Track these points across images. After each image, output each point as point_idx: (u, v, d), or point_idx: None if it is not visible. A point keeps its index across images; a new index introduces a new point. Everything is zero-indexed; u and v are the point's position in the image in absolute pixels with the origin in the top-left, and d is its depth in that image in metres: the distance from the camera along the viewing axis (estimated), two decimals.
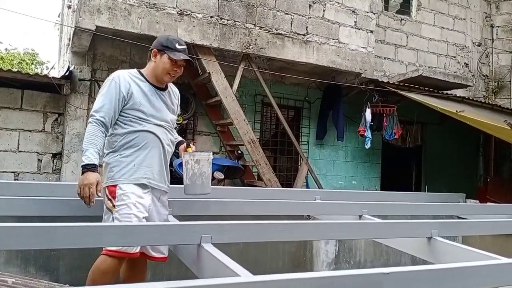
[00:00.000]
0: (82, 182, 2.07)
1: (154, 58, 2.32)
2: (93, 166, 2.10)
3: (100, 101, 2.20)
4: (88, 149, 2.11)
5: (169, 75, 2.31)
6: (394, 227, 2.37)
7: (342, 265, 4.25)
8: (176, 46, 2.30)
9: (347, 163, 7.28)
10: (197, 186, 2.32)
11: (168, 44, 2.30)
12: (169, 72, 2.30)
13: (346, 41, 6.12)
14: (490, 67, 8.92)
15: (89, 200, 2.08)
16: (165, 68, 2.29)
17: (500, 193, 7.37)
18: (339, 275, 1.37)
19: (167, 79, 2.33)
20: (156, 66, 2.31)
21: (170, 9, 4.99)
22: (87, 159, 2.10)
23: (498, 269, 1.72)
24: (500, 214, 3.71)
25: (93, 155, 2.10)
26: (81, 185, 2.07)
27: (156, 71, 2.31)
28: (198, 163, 2.31)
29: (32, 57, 18.04)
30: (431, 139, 8.09)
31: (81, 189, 2.07)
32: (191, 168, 2.31)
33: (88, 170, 2.08)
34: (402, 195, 4.08)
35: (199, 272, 1.79)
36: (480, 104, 6.80)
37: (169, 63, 2.28)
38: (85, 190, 2.06)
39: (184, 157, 2.35)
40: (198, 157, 2.32)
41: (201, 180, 2.32)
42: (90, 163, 2.09)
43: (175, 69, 2.31)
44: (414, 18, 7.95)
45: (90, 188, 2.05)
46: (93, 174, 2.08)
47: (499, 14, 8.97)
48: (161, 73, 2.30)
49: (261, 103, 6.59)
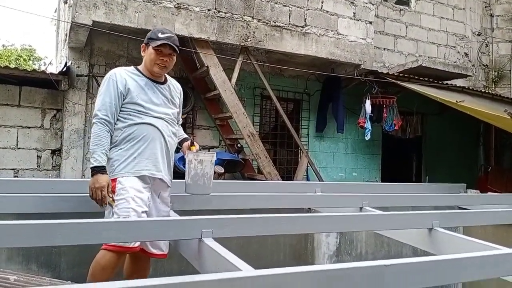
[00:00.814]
0: (93, 185, 2.13)
1: (143, 52, 2.36)
2: (102, 168, 2.15)
3: (100, 100, 2.24)
4: (95, 150, 2.16)
5: (157, 66, 2.31)
6: (395, 218, 2.37)
7: (343, 257, 4.27)
8: (159, 35, 2.29)
9: (347, 155, 7.28)
10: (198, 187, 2.34)
11: (152, 35, 2.32)
12: (155, 62, 2.30)
13: (345, 32, 6.08)
14: (490, 56, 8.87)
15: (102, 202, 2.14)
16: (151, 59, 2.30)
17: (501, 183, 7.37)
18: (340, 268, 1.37)
19: (157, 69, 2.32)
20: (145, 59, 2.34)
21: (167, 2, 4.95)
22: (96, 161, 2.14)
23: (499, 259, 1.72)
24: (501, 204, 3.71)
25: (101, 156, 2.15)
26: (92, 188, 2.13)
27: (146, 64, 2.34)
28: (201, 164, 2.32)
29: (29, 53, 17.95)
30: (431, 129, 8.08)
31: (92, 192, 2.13)
32: (194, 168, 2.32)
33: (98, 172, 2.13)
34: (402, 186, 4.09)
35: (200, 267, 1.79)
36: (480, 94, 6.77)
37: (154, 53, 2.29)
38: (97, 193, 2.12)
39: (187, 156, 2.36)
40: (201, 157, 2.33)
41: (203, 181, 2.33)
42: (99, 165, 2.14)
43: (161, 58, 2.30)
44: (413, 8, 7.89)
45: (102, 191, 2.12)
46: (103, 176, 2.14)
47: (499, 3, 8.90)
48: (149, 65, 2.32)
49: (260, 96, 6.57)
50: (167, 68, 2.35)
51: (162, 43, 2.26)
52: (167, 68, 2.35)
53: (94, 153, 2.16)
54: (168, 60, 2.32)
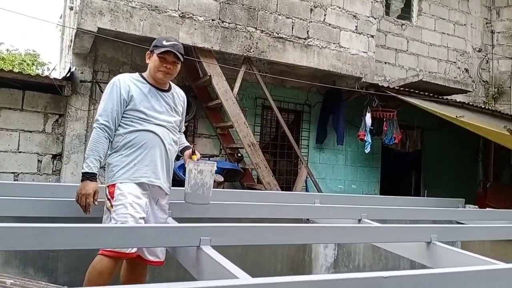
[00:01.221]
0: (80, 191, 2.16)
1: (148, 60, 2.39)
2: (92, 175, 2.17)
3: (103, 105, 2.26)
4: (89, 156, 2.18)
5: (161, 72, 2.33)
6: (393, 231, 2.37)
7: (341, 269, 4.25)
8: (163, 43, 2.32)
9: (347, 167, 7.28)
10: (197, 196, 2.33)
11: (157, 43, 2.35)
12: (159, 69, 2.32)
13: (346, 45, 6.14)
14: (490, 73, 8.94)
15: (85, 209, 2.16)
16: (155, 66, 2.32)
17: (500, 199, 7.36)
18: (338, 278, 1.37)
19: (160, 76, 2.34)
20: (150, 66, 2.36)
21: (172, 11, 5.01)
22: (87, 167, 2.17)
23: (497, 274, 1.72)
24: (499, 220, 3.71)
25: (93, 163, 2.17)
26: (79, 193, 2.16)
27: (150, 71, 2.37)
28: (201, 173, 2.32)
29: (33, 58, 18.05)
30: (431, 144, 8.10)
31: (78, 197, 2.16)
32: (193, 177, 2.31)
33: (87, 178, 2.16)
34: (401, 200, 4.08)
35: (198, 275, 1.79)
36: (480, 110, 6.81)
37: (158, 60, 2.32)
38: (82, 199, 2.15)
39: (188, 165, 2.36)
40: (202, 167, 2.33)
41: (202, 191, 2.33)
42: (89, 171, 2.16)
43: (164, 65, 2.32)
44: (415, 23, 7.97)
45: (87, 198, 2.14)
46: (91, 183, 2.16)
47: (500, 20, 8.99)
48: (153, 72, 2.34)
49: (261, 106, 6.60)
50: (171, 76, 2.37)
51: (165, 50, 2.29)
52: (171, 75, 2.37)
53: (87, 159, 2.18)
54: (172, 68, 2.34)
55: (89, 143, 2.22)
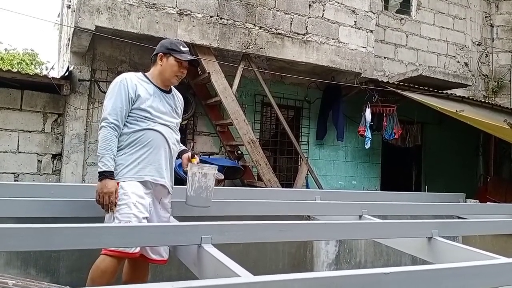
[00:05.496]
0: (101, 190, 2.12)
1: (160, 61, 2.37)
2: (111, 173, 2.15)
3: (111, 103, 2.23)
4: (104, 155, 2.15)
5: (176, 78, 2.38)
6: (394, 227, 2.37)
7: (342, 266, 4.25)
8: (181, 48, 2.38)
9: (347, 163, 7.28)
10: (201, 199, 2.34)
11: (173, 47, 2.37)
12: (176, 74, 2.37)
13: (345, 40, 6.12)
14: (490, 66, 8.92)
15: (108, 208, 2.13)
16: (173, 70, 2.35)
17: (500, 193, 7.37)
18: (339, 275, 1.37)
19: (174, 81, 2.40)
20: (164, 69, 2.36)
21: (170, 9, 4.99)
22: (104, 166, 2.14)
23: (498, 269, 1.72)
24: (500, 214, 3.71)
25: (109, 161, 2.15)
26: (100, 192, 2.12)
27: (164, 74, 2.37)
28: (205, 177, 2.33)
29: (31, 57, 18.00)
30: (431, 139, 8.09)
31: (100, 196, 2.12)
32: (198, 181, 2.32)
33: (106, 177, 2.13)
34: (402, 195, 4.09)
35: (200, 273, 1.79)
36: (480, 104, 6.79)
37: (176, 65, 2.35)
38: (105, 198, 2.11)
39: (191, 169, 2.36)
40: (206, 171, 2.35)
41: (206, 194, 2.34)
42: (107, 170, 2.14)
43: (181, 70, 2.38)
44: (414, 17, 7.95)
45: (110, 197, 2.11)
46: (111, 181, 2.13)
47: (499, 13, 8.97)
48: (169, 76, 2.36)
49: (260, 103, 6.59)
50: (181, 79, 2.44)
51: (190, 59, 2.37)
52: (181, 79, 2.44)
53: (102, 158, 2.15)
54: (185, 72, 2.41)
55: (100, 142, 2.19)
